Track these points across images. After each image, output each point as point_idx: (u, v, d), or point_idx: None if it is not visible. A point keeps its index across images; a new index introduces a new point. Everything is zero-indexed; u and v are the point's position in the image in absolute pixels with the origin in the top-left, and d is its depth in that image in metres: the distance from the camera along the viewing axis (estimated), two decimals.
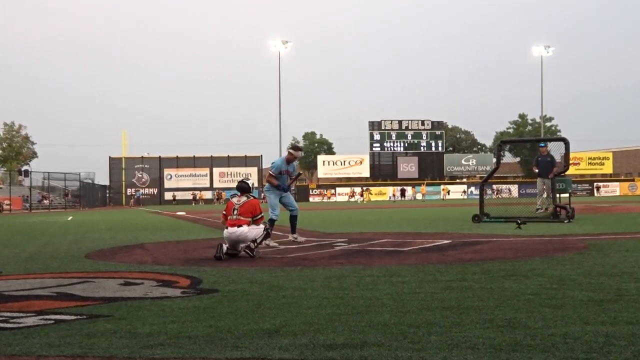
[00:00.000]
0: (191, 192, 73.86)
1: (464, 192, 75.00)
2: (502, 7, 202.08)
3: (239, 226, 9.04)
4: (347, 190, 74.83)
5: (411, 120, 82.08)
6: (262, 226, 9.37)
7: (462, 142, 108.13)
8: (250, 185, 9.76)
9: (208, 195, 74.31)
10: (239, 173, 73.41)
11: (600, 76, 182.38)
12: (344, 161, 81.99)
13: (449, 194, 73.90)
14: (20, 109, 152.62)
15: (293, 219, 11.54)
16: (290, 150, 11.60)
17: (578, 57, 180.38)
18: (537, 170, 19.60)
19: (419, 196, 71.64)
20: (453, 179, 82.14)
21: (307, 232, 13.75)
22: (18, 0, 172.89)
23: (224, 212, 9.43)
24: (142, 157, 79.38)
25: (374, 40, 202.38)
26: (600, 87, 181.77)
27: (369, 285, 6.10)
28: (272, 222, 10.94)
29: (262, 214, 9.37)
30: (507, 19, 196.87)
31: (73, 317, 4.82)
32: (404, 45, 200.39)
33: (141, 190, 74.93)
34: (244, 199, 9.36)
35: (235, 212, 9.20)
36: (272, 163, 11.61)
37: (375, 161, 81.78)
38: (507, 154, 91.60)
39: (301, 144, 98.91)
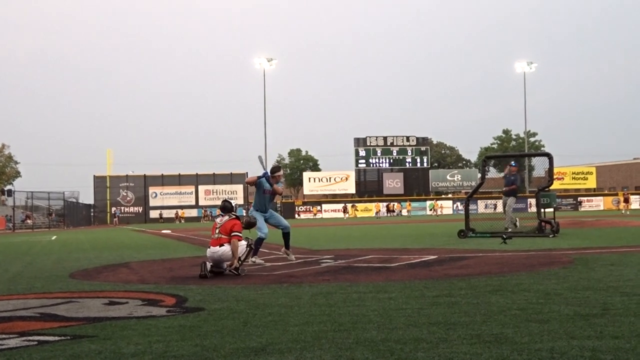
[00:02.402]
0: (175, 211, 73.52)
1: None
2: (486, 24, 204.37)
3: (220, 245, 9.05)
4: (337, 205, 74.45)
5: (396, 137, 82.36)
6: (244, 243, 9.35)
7: (447, 158, 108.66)
8: (234, 205, 9.76)
9: (194, 212, 73.92)
10: (225, 190, 73.17)
11: (583, 92, 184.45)
12: (330, 178, 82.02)
13: (442, 209, 73.18)
14: (3, 128, 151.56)
15: (286, 235, 11.42)
16: (271, 175, 11.44)
17: (561, 73, 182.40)
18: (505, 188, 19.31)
19: (404, 212, 71.78)
20: (439, 195, 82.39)
21: (294, 249, 13.68)
22: None
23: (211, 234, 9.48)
24: (127, 175, 78.90)
25: (359, 58, 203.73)
26: (583, 103, 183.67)
27: (356, 301, 6.09)
28: (260, 241, 10.89)
29: (238, 233, 9.29)
30: (491, 35, 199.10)
31: (57, 338, 4.76)
32: (389, 62, 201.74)
33: (120, 209, 74.22)
34: (225, 218, 9.39)
35: (217, 231, 9.24)
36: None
37: (361, 177, 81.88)
38: (491, 169, 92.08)
39: (286, 160, 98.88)
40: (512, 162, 20.04)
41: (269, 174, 11.27)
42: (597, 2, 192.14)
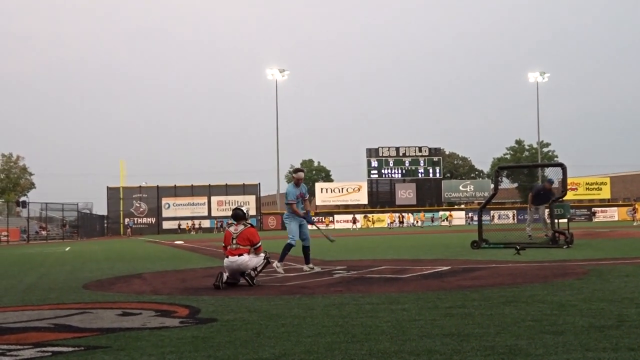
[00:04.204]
0: (191, 221, 73.75)
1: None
2: (499, 34, 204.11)
3: (239, 255, 8.99)
4: (348, 217, 74.17)
5: (408, 147, 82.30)
6: (262, 255, 9.33)
7: (459, 169, 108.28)
8: (246, 211, 9.67)
9: (206, 223, 73.95)
10: (237, 201, 73.17)
11: (596, 102, 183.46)
12: (342, 188, 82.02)
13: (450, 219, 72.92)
14: (18, 140, 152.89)
15: (306, 249, 11.49)
16: (293, 176, 11.69)
17: (574, 83, 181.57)
18: (532, 199, 19.73)
19: (418, 223, 71.58)
20: (451, 205, 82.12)
21: None
22: (12, 29, 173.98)
23: (224, 244, 9.39)
24: (140, 186, 79.17)
25: (371, 68, 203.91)
26: (597, 113, 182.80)
27: (369, 312, 6.07)
28: (289, 247, 11.03)
29: (261, 242, 9.33)
30: (504, 45, 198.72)
31: (71, 349, 4.79)
32: (401, 72, 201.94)
33: (133, 220, 74.40)
34: (241, 227, 9.30)
35: (234, 241, 9.15)
36: (286, 193, 11.60)
37: (373, 188, 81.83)
38: (504, 179, 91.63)
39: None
40: (551, 179, 20.10)
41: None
42: (612, 13, 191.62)
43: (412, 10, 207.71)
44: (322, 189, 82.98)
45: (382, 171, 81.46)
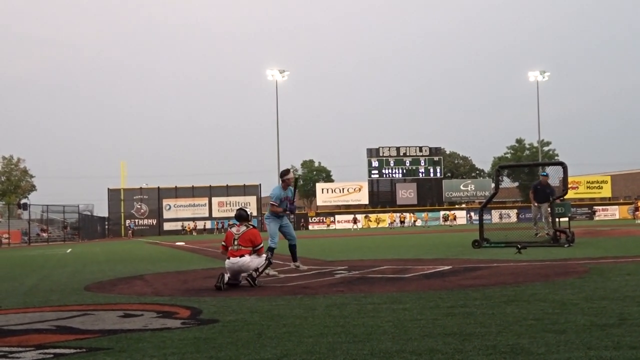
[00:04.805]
0: (193, 223, 73.90)
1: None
2: (499, 33, 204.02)
3: (240, 256, 8.98)
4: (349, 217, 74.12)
5: (409, 147, 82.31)
6: (264, 256, 9.32)
7: (460, 168, 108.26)
8: (249, 213, 9.67)
9: (207, 224, 74.00)
10: (238, 202, 73.16)
11: (597, 100, 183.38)
12: (343, 188, 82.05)
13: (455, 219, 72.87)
14: (19, 142, 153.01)
15: (292, 247, 11.67)
16: (282, 179, 11.70)
17: (574, 82, 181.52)
18: (533, 197, 19.70)
19: (419, 222, 71.60)
20: (452, 205, 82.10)
21: (308, 260, 13.69)
22: (13, 33, 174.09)
23: (224, 243, 9.38)
24: (141, 188, 79.23)
25: (371, 68, 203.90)
26: (597, 112, 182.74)
27: (370, 312, 6.07)
28: (271, 250, 10.96)
29: (263, 244, 9.33)
30: (504, 44, 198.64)
31: (73, 351, 4.79)
32: (401, 72, 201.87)
33: (134, 222, 74.55)
34: (243, 228, 9.29)
35: (236, 242, 9.13)
36: (271, 193, 11.63)
37: (374, 188, 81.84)
38: (505, 179, 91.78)
39: (299, 171, 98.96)
40: (543, 172, 20.13)
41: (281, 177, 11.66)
42: (612, 12, 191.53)
43: (412, 10, 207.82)
44: (322, 189, 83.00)
45: (383, 171, 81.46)
